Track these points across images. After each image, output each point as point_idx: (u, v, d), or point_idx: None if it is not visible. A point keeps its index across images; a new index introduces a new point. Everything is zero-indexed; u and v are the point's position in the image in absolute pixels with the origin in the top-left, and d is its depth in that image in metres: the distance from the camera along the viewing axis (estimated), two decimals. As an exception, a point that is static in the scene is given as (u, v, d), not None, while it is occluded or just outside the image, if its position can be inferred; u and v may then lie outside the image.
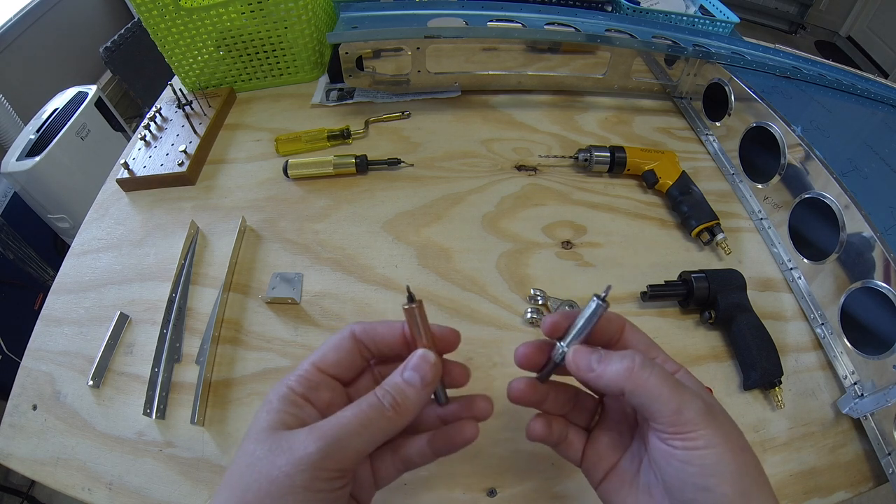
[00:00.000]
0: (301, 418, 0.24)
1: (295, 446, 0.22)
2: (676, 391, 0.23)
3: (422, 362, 0.25)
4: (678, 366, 0.27)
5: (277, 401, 0.24)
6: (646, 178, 0.59)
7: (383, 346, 0.27)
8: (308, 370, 0.26)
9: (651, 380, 0.23)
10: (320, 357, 0.26)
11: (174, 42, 0.66)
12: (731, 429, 0.24)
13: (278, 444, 0.22)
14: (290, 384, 0.25)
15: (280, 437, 0.23)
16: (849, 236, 0.45)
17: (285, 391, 0.25)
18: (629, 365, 0.24)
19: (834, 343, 0.46)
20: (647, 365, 0.24)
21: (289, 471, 0.21)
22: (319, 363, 0.26)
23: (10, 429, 0.42)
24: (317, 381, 0.26)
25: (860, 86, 0.67)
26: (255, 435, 0.23)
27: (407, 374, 0.25)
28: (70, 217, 1.36)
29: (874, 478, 0.40)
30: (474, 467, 0.39)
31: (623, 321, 0.28)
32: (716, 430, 0.23)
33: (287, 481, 0.21)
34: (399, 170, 0.61)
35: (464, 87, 0.71)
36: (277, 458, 0.22)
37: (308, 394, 0.25)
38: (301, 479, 0.21)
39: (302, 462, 0.21)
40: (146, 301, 0.49)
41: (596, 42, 0.64)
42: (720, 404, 0.25)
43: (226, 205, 0.58)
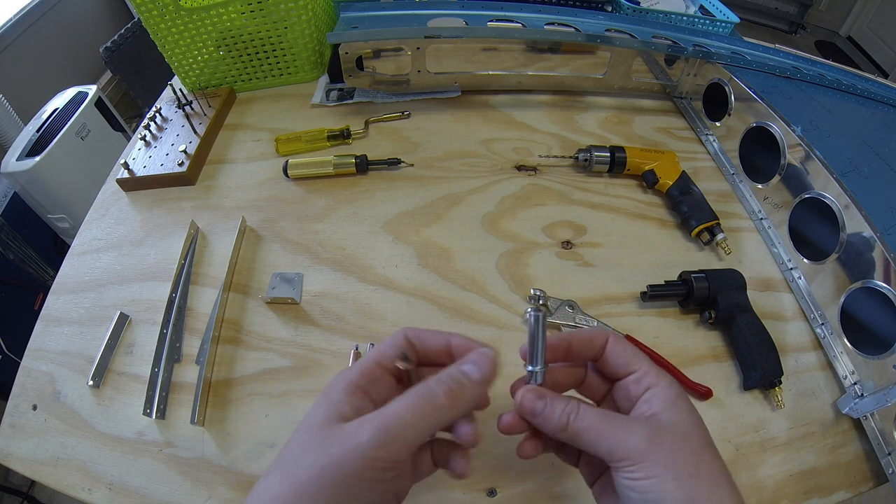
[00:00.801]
0: (358, 410, 0.24)
1: (348, 436, 0.23)
2: (608, 434, 0.24)
3: (482, 358, 0.26)
4: (658, 378, 0.26)
5: (337, 392, 0.25)
6: (646, 178, 0.59)
7: (429, 352, 0.28)
8: (370, 365, 0.27)
9: (581, 432, 0.25)
10: (380, 353, 0.27)
11: (174, 42, 0.66)
12: (681, 455, 0.23)
13: (332, 433, 0.23)
14: (352, 377, 0.26)
15: (335, 428, 0.23)
16: (849, 236, 0.45)
17: (345, 384, 0.25)
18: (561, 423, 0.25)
19: (834, 343, 0.46)
20: (579, 416, 0.25)
21: (341, 459, 0.22)
22: (380, 359, 0.27)
23: (10, 429, 0.42)
24: (377, 376, 0.27)
25: (860, 86, 0.67)
26: (312, 425, 0.24)
27: (466, 367, 0.26)
28: (70, 217, 1.36)
29: (874, 478, 0.40)
30: (474, 467, 0.39)
31: (605, 336, 0.29)
32: (658, 460, 0.23)
33: (339, 469, 0.22)
34: (399, 170, 0.61)
35: (464, 87, 0.71)
36: (331, 446, 0.22)
37: (368, 387, 0.26)
38: (353, 468, 0.22)
39: (354, 451, 0.22)
40: (146, 301, 0.49)
41: (596, 42, 0.64)
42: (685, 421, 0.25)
43: (226, 205, 0.58)
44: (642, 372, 0.27)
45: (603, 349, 0.28)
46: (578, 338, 0.29)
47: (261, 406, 0.42)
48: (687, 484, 0.23)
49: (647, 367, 0.27)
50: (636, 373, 0.27)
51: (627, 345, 0.28)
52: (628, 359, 0.28)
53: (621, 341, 0.28)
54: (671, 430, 0.24)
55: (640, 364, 0.27)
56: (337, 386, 0.26)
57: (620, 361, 0.28)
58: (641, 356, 0.28)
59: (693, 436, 0.24)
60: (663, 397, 0.26)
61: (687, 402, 0.26)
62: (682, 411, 0.25)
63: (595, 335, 0.29)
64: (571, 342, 0.29)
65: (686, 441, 0.24)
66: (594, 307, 0.48)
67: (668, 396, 0.26)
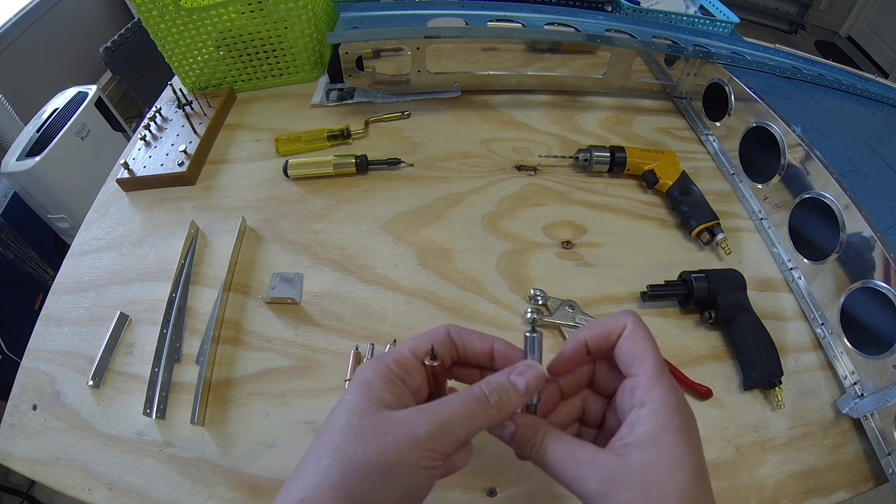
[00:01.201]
0: (399, 398, 0.25)
1: (404, 425, 0.23)
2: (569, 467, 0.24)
3: (531, 370, 0.26)
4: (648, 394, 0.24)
5: (377, 379, 0.25)
6: (646, 178, 0.59)
7: (471, 353, 0.29)
8: (405, 354, 0.27)
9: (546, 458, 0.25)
10: (416, 344, 0.28)
11: (174, 42, 0.66)
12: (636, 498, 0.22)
13: (385, 420, 0.24)
14: (388, 364, 0.26)
15: (385, 415, 0.24)
16: (849, 236, 0.45)
17: (384, 370, 0.26)
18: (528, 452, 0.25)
19: (834, 343, 0.46)
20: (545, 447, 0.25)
21: (399, 447, 0.23)
22: (416, 350, 0.27)
23: (10, 429, 0.42)
24: (412, 366, 0.27)
25: (860, 86, 0.67)
26: (354, 409, 0.24)
27: (514, 377, 0.26)
28: (70, 217, 1.36)
29: (874, 478, 0.40)
30: (474, 467, 0.39)
31: (623, 324, 0.27)
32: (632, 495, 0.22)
33: (396, 457, 0.23)
34: (399, 170, 0.61)
35: (464, 87, 0.71)
36: (387, 434, 0.23)
37: (403, 376, 0.26)
38: (410, 457, 0.23)
39: (411, 441, 0.23)
40: (146, 301, 0.49)
41: (596, 42, 0.64)
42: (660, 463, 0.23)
43: (226, 205, 0.58)
44: (636, 381, 0.25)
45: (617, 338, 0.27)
46: (593, 334, 0.27)
47: (261, 406, 0.42)
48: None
49: (645, 378, 0.25)
50: (632, 378, 0.25)
51: (638, 338, 0.26)
52: (631, 358, 0.26)
53: (633, 333, 0.26)
54: (638, 474, 0.22)
55: (637, 368, 0.25)
56: (375, 371, 0.26)
57: (625, 358, 0.26)
58: (648, 357, 0.25)
59: (660, 486, 0.22)
60: (645, 427, 0.23)
61: (671, 438, 0.23)
62: (660, 449, 0.23)
63: (612, 328, 0.27)
64: (588, 341, 0.27)
65: (649, 492, 0.22)
66: (594, 307, 0.48)
67: (650, 427, 0.23)
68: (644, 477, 0.22)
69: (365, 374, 0.26)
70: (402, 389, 0.26)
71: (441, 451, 0.24)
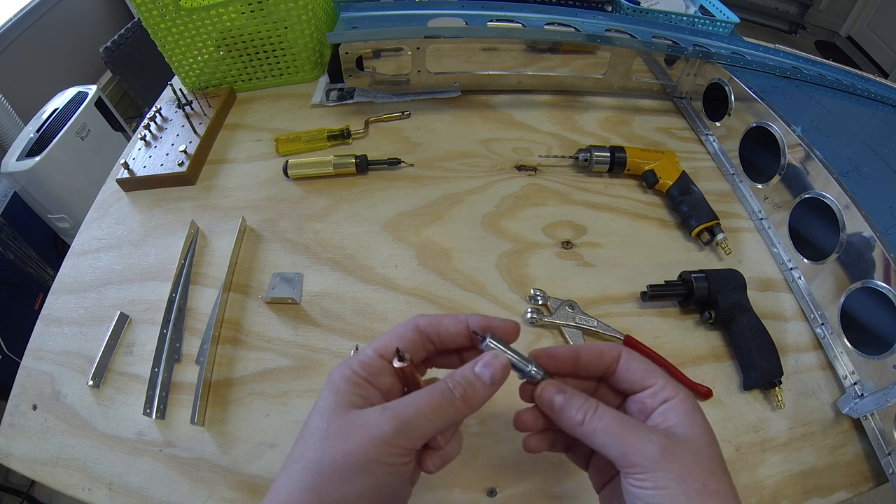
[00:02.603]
0: (367, 399, 0.26)
1: (370, 424, 0.24)
2: (622, 438, 0.24)
3: (494, 361, 0.27)
4: (675, 392, 0.26)
5: (343, 382, 0.26)
6: (646, 178, 0.59)
7: (447, 338, 0.29)
8: (371, 356, 0.27)
9: (598, 431, 0.25)
10: (383, 345, 0.28)
11: (174, 42, 0.66)
12: (692, 470, 0.23)
13: (352, 421, 0.24)
14: (353, 367, 0.26)
15: (352, 415, 0.24)
16: (849, 236, 0.45)
17: (349, 373, 0.26)
18: (579, 418, 0.25)
19: (834, 343, 0.46)
20: (597, 415, 0.25)
21: (364, 446, 0.23)
22: (382, 350, 0.27)
23: (10, 429, 0.42)
24: (379, 368, 0.27)
25: (860, 86, 0.67)
26: (324, 413, 0.25)
27: (478, 369, 0.27)
28: (70, 217, 1.36)
29: (874, 478, 0.40)
30: (474, 467, 0.39)
31: (618, 352, 0.28)
32: (670, 471, 0.23)
33: (362, 456, 0.23)
34: (399, 170, 0.61)
35: (464, 87, 0.71)
36: (352, 434, 0.24)
37: (370, 378, 0.26)
38: (376, 454, 0.23)
39: (377, 439, 0.23)
40: (146, 301, 0.49)
41: (596, 42, 0.64)
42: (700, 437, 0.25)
43: (226, 205, 0.58)
44: (659, 386, 0.27)
45: (615, 364, 0.28)
46: (588, 350, 0.29)
47: (261, 406, 0.42)
48: (695, 500, 0.22)
49: (664, 381, 0.27)
50: (653, 387, 0.27)
51: (642, 359, 0.28)
52: (644, 374, 0.27)
53: (635, 357, 0.28)
54: (685, 444, 0.24)
55: (656, 378, 0.27)
56: (341, 374, 0.26)
57: (636, 377, 0.27)
58: (657, 370, 0.27)
59: (706, 452, 0.24)
60: (680, 410, 0.26)
61: (703, 418, 0.26)
62: (697, 427, 0.25)
63: (606, 349, 0.28)
64: (580, 354, 0.29)
65: (699, 457, 0.24)
66: (594, 307, 0.48)
67: (685, 410, 0.26)
68: (692, 445, 0.24)
69: (332, 379, 0.26)
70: (369, 390, 0.26)
71: (408, 447, 0.24)
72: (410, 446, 0.24)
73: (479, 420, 0.41)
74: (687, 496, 0.23)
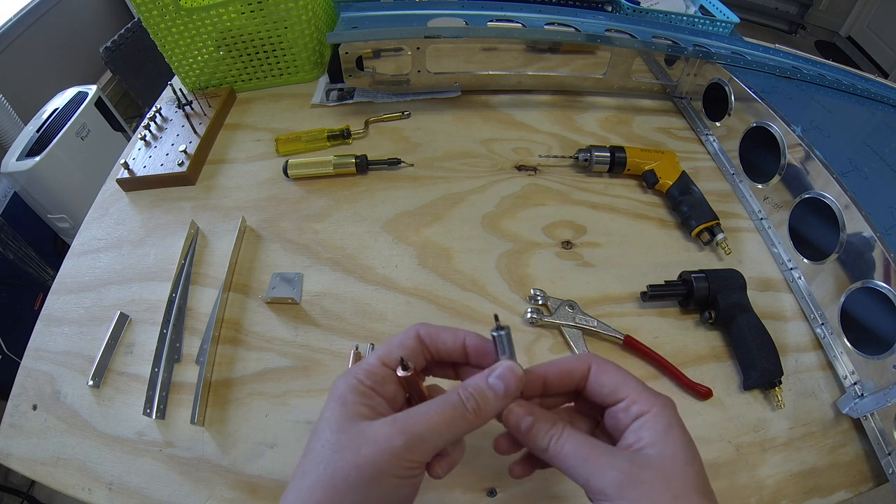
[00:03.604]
0: (375, 409, 0.25)
1: (380, 437, 0.23)
2: (587, 463, 0.24)
3: (508, 373, 0.26)
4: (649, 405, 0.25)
5: (350, 393, 0.25)
6: (646, 178, 0.59)
7: (444, 351, 0.29)
8: (375, 365, 0.27)
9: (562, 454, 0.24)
10: (386, 353, 0.27)
11: (174, 42, 0.66)
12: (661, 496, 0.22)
13: (362, 433, 0.24)
14: (358, 377, 0.26)
15: (362, 427, 0.24)
16: (849, 236, 0.45)
17: (354, 383, 0.26)
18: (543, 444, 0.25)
19: (834, 343, 0.46)
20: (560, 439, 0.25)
21: (376, 460, 0.23)
22: (385, 359, 0.27)
23: (10, 429, 0.42)
24: (383, 376, 0.27)
25: (860, 86, 0.67)
26: (332, 425, 0.24)
27: (492, 380, 0.26)
28: (70, 217, 1.36)
29: (874, 478, 0.40)
30: (474, 467, 0.39)
31: (587, 365, 0.27)
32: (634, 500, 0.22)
33: (375, 469, 0.23)
34: (399, 170, 0.61)
35: (464, 87, 0.71)
36: (363, 447, 0.23)
37: (375, 387, 0.26)
38: (388, 468, 0.23)
39: (388, 453, 0.23)
40: (146, 301, 0.49)
41: (596, 42, 0.64)
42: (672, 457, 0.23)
43: (226, 205, 0.58)
44: (630, 399, 0.25)
45: (586, 379, 0.27)
46: (555, 371, 0.28)
47: (261, 406, 0.42)
48: None
49: (636, 394, 0.25)
50: (625, 399, 0.26)
51: (612, 370, 0.27)
52: (614, 386, 0.26)
53: (605, 368, 0.27)
54: (654, 468, 0.23)
55: (627, 390, 0.26)
56: (347, 384, 0.26)
57: (606, 391, 0.26)
58: (630, 380, 0.26)
59: (679, 475, 0.23)
60: (654, 429, 0.24)
61: (679, 434, 0.24)
62: (671, 445, 0.24)
63: (574, 366, 0.27)
64: (547, 377, 0.28)
65: (670, 482, 0.23)
66: (594, 307, 0.48)
67: (659, 427, 0.24)
68: (663, 470, 0.23)
69: (338, 389, 0.26)
70: (375, 399, 0.26)
71: (419, 460, 0.24)
72: (422, 460, 0.24)
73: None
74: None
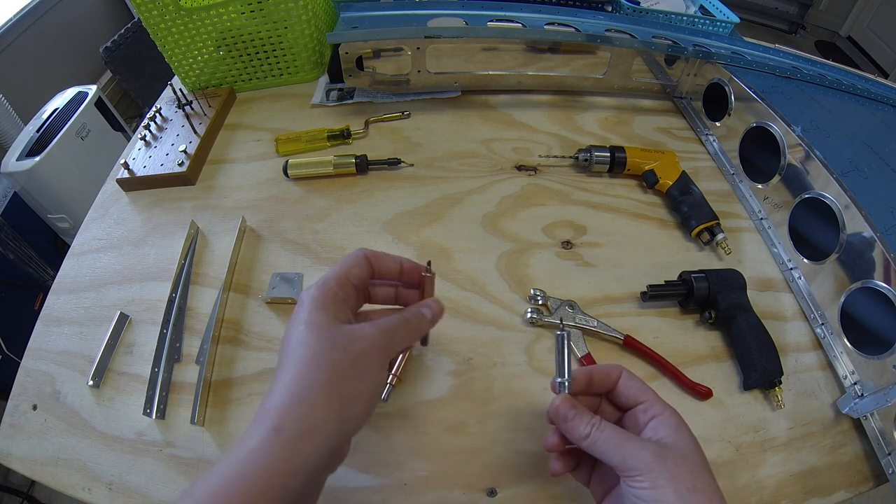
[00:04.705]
0: (346, 315, 0.31)
1: (367, 336, 0.30)
2: (621, 448, 0.29)
3: (435, 305, 0.35)
4: (662, 409, 0.31)
5: (331, 301, 0.31)
6: (646, 178, 0.59)
7: (385, 272, 0.35)
8: (343, 281, 0.32)
9: (600, 441, 0.29)
10: (345, 271, 0.33)
11: (174, 42, 0.66)
12: (681, 471, 0.27)
13: (351, 333, 0.30)
14: (334, 289, 0.31)
15: (349, 329, 0.30)
16: (849, 236, 0.45)
17: (333, 294, 0.31)
18: (585, 432, 0.30)
19: (834, 343, 0.46)
20: (600, 428, 0.30)
21: (367, 352, 0.29)
22: (348, 275, 0.33)
23: (10, 429, 0.42)
24: (348, 290, 0.33)
25: (860, 86, 0.67)
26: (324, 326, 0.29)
27: (423, 310, 0.34)
28: (70, 217, 1.36)
29: (874, 478, 0.40)
30: (474, 467, 0.39)
31: (619, 372, 0.33)
32: (662, 473, 0.27)
33: (365, 360, 0.29)
34: (399, 170, 0.61)
35: (464, 87, 0.71)
36: (356, 343, 0.29)
37: (345, 298, 0.32)
38: (374, 360, 0.30)
39: (373, 347, 0.30)
40: (146, 301, 0.49)
41: (596, 42, 0.64)
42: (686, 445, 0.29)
43: (226, 205, 0.58)
44: (649, 403, 0.31)
45: (616, 383, 0.33)
46: (598, 371, 0.34)
47: (261, 406, 0.42)
48: (685, 497, 0.26)
49: (654, 399, 0.31)
50: (644, 403, 0.31)
51: (636, 379, 0.33)
52: (637, 391, 0.32)
53: (632, 376, 0.33)
54: (674, 451, 0.28)
55: (647, 396, 0.32)
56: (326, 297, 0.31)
57: (631, 394, 0.32)
58: (648, 389, 0.32)
59: (692, 458, 0.28)
60: (668, 425, 0.30)
61: (688, 430, 0.30)
62: (683, 437, 0.29)
63: (612, 370, 0.33)
64: (592, 374, 0.33)
65: (686, 461, 0.28)
66: (594, 307, 0.48)
67: (671, 424, 0.30)
68: (681, 452, 0.28)
69: (318, 299, 0.30)
70: (345, 308, 0.32)
71: (390, 355, 0.31)
72: (392, 355, 0.32)
73: (480, 420, 0.41)
74: (678, 493, 0.26)
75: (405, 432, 0.41)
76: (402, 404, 0.42)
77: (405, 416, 0.42)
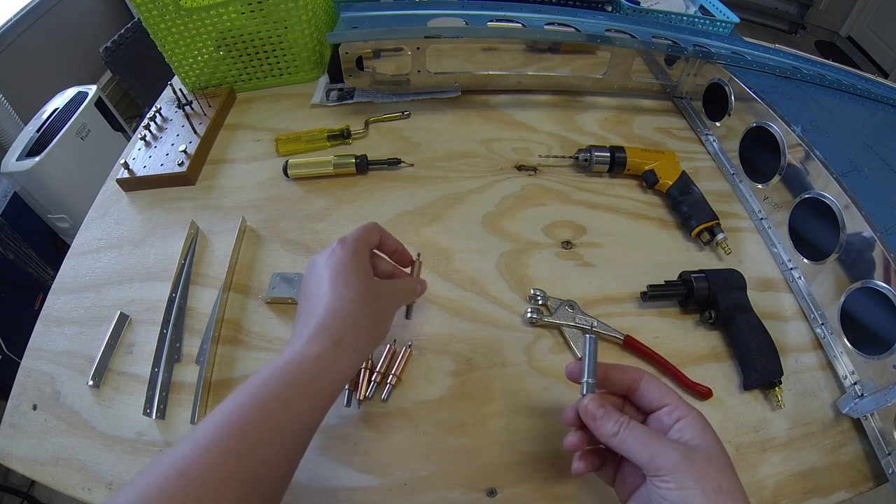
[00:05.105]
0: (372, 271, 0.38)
1: (389, 290, 0.39)
2: (649, 446, 0.29)
3: (422, 284, 0.44)
4: (688, 411, 0.31)
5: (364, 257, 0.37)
6: (646, 178, 0.59)
7: (385, 247, 0.42)
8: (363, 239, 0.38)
9: (629, 439, 0.30)
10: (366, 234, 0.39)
11: (174, 42, 0.66)
12: (708, 472, 0.28)
13: (383, 285, 0.38)
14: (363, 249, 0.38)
15: (378, 282, 0.38)
16: (849, 236, 0.45)
17: (366, 251, 0.38)
18: (614, 430, 0.31)
19: (834, 343, 0.46)
20: (629, 427, 0.30)
21: (395, 301, 0.40)
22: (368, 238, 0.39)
23: (10, 429, 0.42)
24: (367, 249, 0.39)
25: (860, 86, 0.67)
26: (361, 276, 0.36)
27: (417, 285, 0.43)
28: (70, 217, 1.36)
29: (874, 478, 0.40)
30: (474, 467, 0.39)
31: (640, 375, 0.34)
32: (689, 473, 0.27)
33: (394, 307, 0.39)
34: (399, 170, 0.61)
35: (464, 87, 0.71)
36: (389, 293, 0.38)
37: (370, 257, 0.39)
38: (394, 308, 0.39)
39: (398, 299, 0.40)
40: (146, 301, 0.49)
41: (596, 42, 0.64)
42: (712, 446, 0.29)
43: (226, 205, 0.58)
44: (674, 405, 0.32)
45: (637, 385, 0.34)
46: (613, 369, 0.34)
47: (261, 406, 0.42)
48: (711, 497, 0.27)
49: (678, 402, 0.32)
50: (668, 406, 0.32)
51: (659, 383, 0.33)
52: (661, 394, 0.33)
53: (653, 381, 0.33)
54: (701, 452, 0.29)
55: (671, 399, 0.32)
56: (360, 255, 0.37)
57: (654, 396, 0.33)
58: (671, 392, 0.33)
59: (718, 458, 0.29)
60: (694, 427, 0.30)
61: (713, 432, 0.30)
62: (709, 438, 0.30)
63: (628, 370, 0.34)
64: (607, 371, 0.34)
65: (713, 462, 0.28)
66: (594, 307, 0.49)
67: (697, 426, 0.30)
68: (707, 453, 0.29)
69: (355, 251, 0.36)
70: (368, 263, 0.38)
71: (401, 306, 0.43)
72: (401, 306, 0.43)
73: (480, 420, 0.41)
74: (704, 494, 0.27)
75: (405, 432, 0.41)
76: (402, 404, 0.42)
77: (405, 416, 0.42)
